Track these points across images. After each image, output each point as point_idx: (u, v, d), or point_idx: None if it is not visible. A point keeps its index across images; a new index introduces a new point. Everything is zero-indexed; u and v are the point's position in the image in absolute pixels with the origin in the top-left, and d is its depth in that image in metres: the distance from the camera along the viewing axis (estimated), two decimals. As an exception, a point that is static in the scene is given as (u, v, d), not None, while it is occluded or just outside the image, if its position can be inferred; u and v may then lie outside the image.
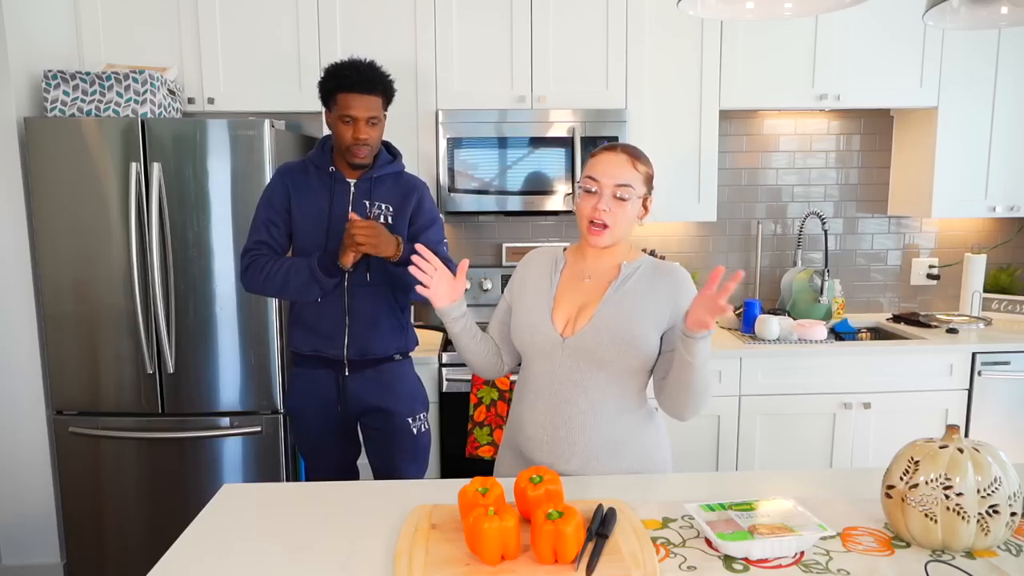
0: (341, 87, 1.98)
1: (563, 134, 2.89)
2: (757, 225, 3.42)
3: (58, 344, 2.58)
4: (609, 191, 1.50)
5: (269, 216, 2.07)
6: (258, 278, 2.02)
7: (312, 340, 2.11)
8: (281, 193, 2.08)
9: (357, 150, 2.01)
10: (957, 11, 1.65)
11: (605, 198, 1.50)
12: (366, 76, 1.99)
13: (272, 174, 2.19)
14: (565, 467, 1.55)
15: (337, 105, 1.99)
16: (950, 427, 1.25)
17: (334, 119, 2.02)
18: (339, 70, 2.00)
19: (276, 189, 2.08)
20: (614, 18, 2.93)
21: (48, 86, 2.57)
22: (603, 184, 1.50)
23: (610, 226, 1.51)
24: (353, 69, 1.99)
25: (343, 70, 1.99)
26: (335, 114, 2.01)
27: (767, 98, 3.03)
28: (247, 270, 2.03)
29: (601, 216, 1.50)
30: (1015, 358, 2.87)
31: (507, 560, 1.17)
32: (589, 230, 1.52)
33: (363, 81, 1.98)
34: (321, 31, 2.88)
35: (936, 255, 3.50)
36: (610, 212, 1.50)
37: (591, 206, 1.51)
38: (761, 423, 2.87)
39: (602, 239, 1.52)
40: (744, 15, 1.67)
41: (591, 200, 1.51)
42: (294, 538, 1.30)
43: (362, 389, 2.14)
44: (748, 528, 1.23)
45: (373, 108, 2.01)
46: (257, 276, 2.02)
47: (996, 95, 3.06)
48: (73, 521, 2.66)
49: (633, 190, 1.51)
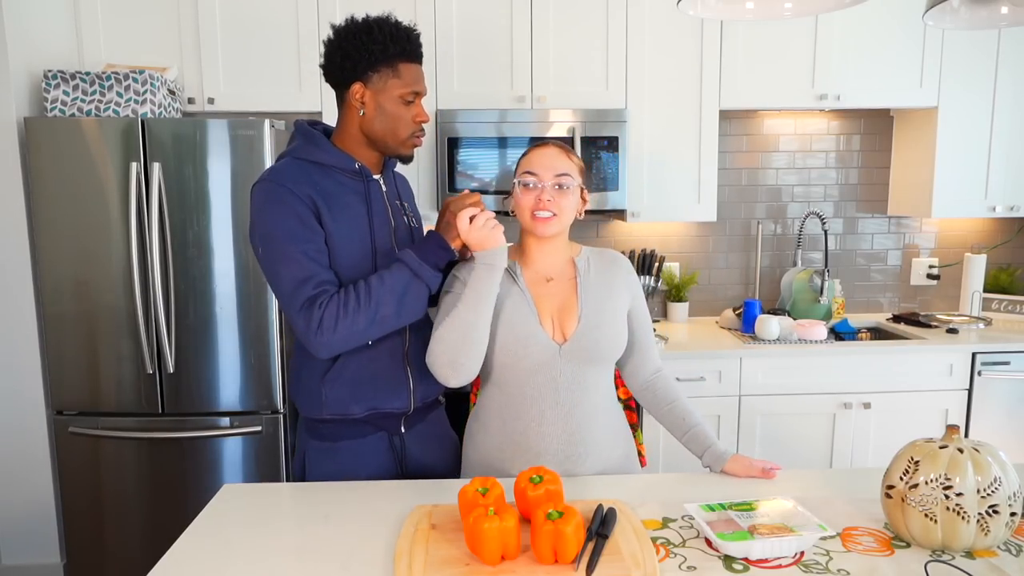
0: (404, 55, 1.51)
1: (563, 134, 2.89)
2: (757, 225, 3.42)
3: (58, 344, 2.58)
4: (550, 182, 1.51)
5: (306, 249, 1.45)
6: (348, 324, 1.42)
7: (368, 395, 1.56)
8: (309, 212, 1.47)
9: (419, 137, 1.59)
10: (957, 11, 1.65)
11: (547, 189, 1.51)
12: (419, 42, 1.56)
13: (270, 192, 1.47)
14: (582, 470, 1.55)
15: (399, 78, 1.51)
16: (950, 427, 1.25)
17: (388, 98, 1.52)
18: (394, 34, 1.50)
19: (300, 209, 1.46)
20: (614, 18, 2.93)
21: (48, 86, 2.57)
22: (542, 176, 1.51)
23: (557, 214, 1.52)
24: (413, 33, 1.54)
25: (399, 34, 1.50)
26: (391, 89, 1.52)
27: (767, 98, 3.03)
28: (323, 323, 1.42)
29: (546, 206, 1.50)
30: (1015, 358, 2.87)
31: (507, 560, 1.17)
32: (534, 219, 1.52)
33: (420, 50, 1.55)
34: (321, 31, 2.88)
35: (936, 255, 3.50)
36: (554, 201, 1.51)
37: (533, 198, 1.52)
38: (761, 423, 2.87)
39: (549, 226, 1.52)
40: (744, 15, 1.67)
41: (531, 193, 1.52)
42: (294, 538, 1.30)
43: (420, 451, 1.67)
44: (748, 528, 1.23)
45: (422, 79, 1.58)
46: (345, 322, 1.42)
47: (996, 95, 3.06)
48: (73, 521, 2.66)
49: (572, 179, 1.53)
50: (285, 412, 2.64)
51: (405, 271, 1.47)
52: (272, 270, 1.48)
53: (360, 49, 1.49)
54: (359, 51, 1.49)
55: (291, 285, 1.44)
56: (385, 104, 1.53)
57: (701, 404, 2.84)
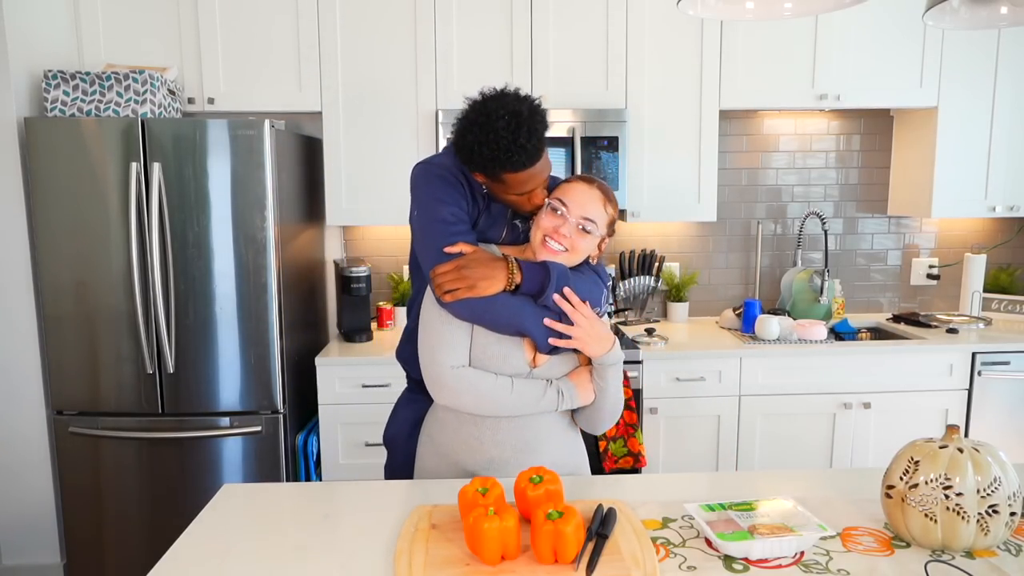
0: (506, 169, 1.46)
1: (563, 134, 2.89)
2: (757, 225, 3.42)
3: (58, 344, 2.58)
4: (575, 220, 1.47)
5: (458, 215, 1.51)
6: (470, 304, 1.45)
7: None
8: (467, 202, 1.53)
9: (531, 210, 1.57)
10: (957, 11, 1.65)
11: (570, 224, 1.47)
12: (536, 147, 1.44)
13: (436, 172, 1.54)
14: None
15: (503, 184, 1.49)
16: (950, 427, 1.25)
17: (496, 189, 1.53)
18: (498, 151, 1.42)
19: (464, 187, 1.53)
20: (614, 18, 2.93)
21: (48, 86, 2.57)
22: (571, 211, 1.47)
23: (568, 251, 1.48)
24: (517, 149, 1.42)
25: (504, 152, 1.42)
26: (497, 188, 1.52)
27: (767, 98, 3.03)
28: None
29: (561, 240, 1.47)
30: (1015, 358, 2.87)
31: (507, 560, 1.17)
32: (544, 244, 1.48)
33: (535, 153, 1.45)
34: (321, 31, 2.88)
35: (936, 255, 3.50)
36: (570, 239, 1.47)
37: (554, 225, 1.47)
38: (761, 423, 2.87)
39: (558, 258, 1.48)
40: (744, 15, 1.67)
41: (555, 220, 1.48)
42: (294, 538, 1.30)
43: None
44: (748, 528, 1.23)
45: (545, 169, 1.52)
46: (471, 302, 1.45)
47: (996, 95, 3.06)
48: (73, 521, 2.66)
49: (597, 227, 1.49)
50: (285, 412, 2.64)
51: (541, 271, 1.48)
52: (433, 231, 1.50)
53: (468, 162, 1.49)
54: (467, 162, 1.49)
55: (440, 233, 1.49)
56: (498, 193, 1.54)
57: (701, 404, 2.85)
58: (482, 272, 1.44)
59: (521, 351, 1.48)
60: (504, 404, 1.46)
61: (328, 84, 2.90)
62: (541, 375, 1.50)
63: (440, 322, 1.48)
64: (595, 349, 1.48)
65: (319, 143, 3.08)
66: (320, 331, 3.20)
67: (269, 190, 2.53)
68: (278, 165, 2.59)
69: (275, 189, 2.56)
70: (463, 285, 1.43)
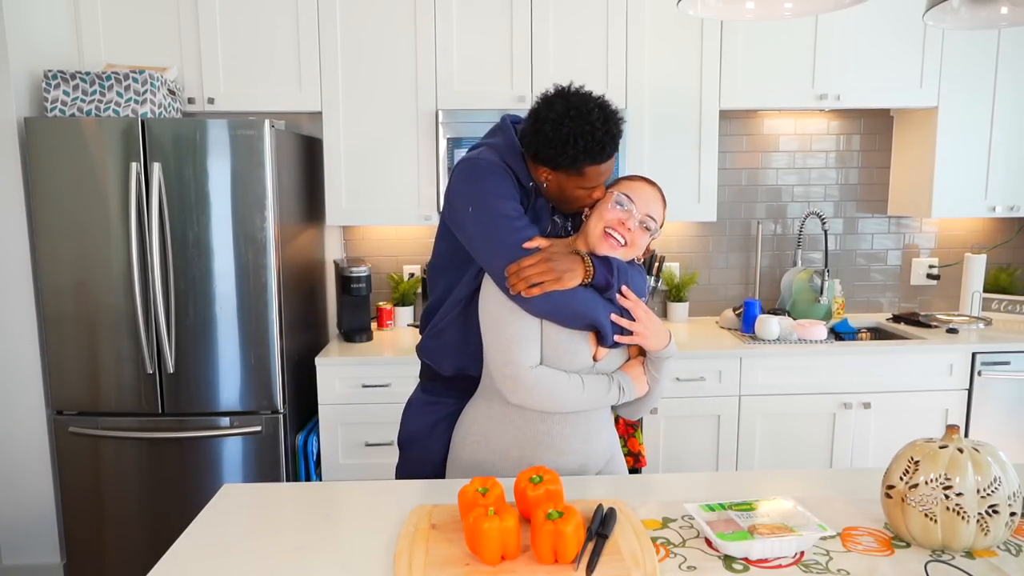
0: (594, 161, 1.49)
1: (563, 134, 2.88)
2: (757, 225, 3.42)
3: (58, 344, 2.58)
4: (640, 215, 1.50)
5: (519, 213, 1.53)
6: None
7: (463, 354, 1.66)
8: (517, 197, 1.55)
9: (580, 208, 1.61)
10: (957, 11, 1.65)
11: (635, 219, 1.50)
12: (617, 138, 1.51)
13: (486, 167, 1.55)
14: (593, 468, 1.60)
15: (582, 177, 1.52)
16: (950, 427, 1.25)
17: (568, 187, 1.55)
18: (594, 143, 1.46)
19: (515, 186, 1.56)
20: (614, 18, 2.93)
21: (48, 86, 2.57)
22: (638, 206, 1.50)
23: (627, 246, 1.50)
24: (610, 140, 1.48)
25: (599, 143, 1.46)
26: (573, 181, 1.53)
27: (767, 98, 3.03)
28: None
29: (625, 234, 1.49)
30: (1015, 358, 2.87)
31: (507, 560, 1.17)
32: (606, 236, 1.49)
33: (614, 145, 1.51)
34: (321, 31, 2.88)
35: (936, 255, 3.50)
36: (632, 233, 1.50)
37: (619, 219, 1.49)
38: (761, 423, 2.87)
39: (615, 252, 1.51)
40: (744, 15, 1.67)
41: (620, 213, 1.50)
42: (294, 538, 1.30)
43: None
44: (748, 528, 1.23)
45: (613, 164, 1.56)
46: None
47: (996, 95, 3.06)
48: (73, 521, 2.66)
49: (656, 226, 1.53)
50: (285, 412, 2.64)
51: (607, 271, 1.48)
52: (498, 227, 1.49)
53: (557, 155, 1.49)
54: (555, 156, 1.49)
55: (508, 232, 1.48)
56: (565, 189, 1.55)
57: (701, 404, 2.85)
58: (566, 264, 1.45)
59: (587, 345, 1.51)
60: (577, 401, 1.49)
61: (328, 84, 2.90)
62: (602, 368, 1.53)
63: (512, 320, 1.48)
64: (655, 343, 1.52)
65: (319, 143, 3.08)
66: (320, 331, 3.20)
67: (269, 190, 2.53)
68: (278, 165, 2.59)
69: (275, 189, 2.56)
70: (550, 278, 1.42)
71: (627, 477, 1.59)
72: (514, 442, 1.56)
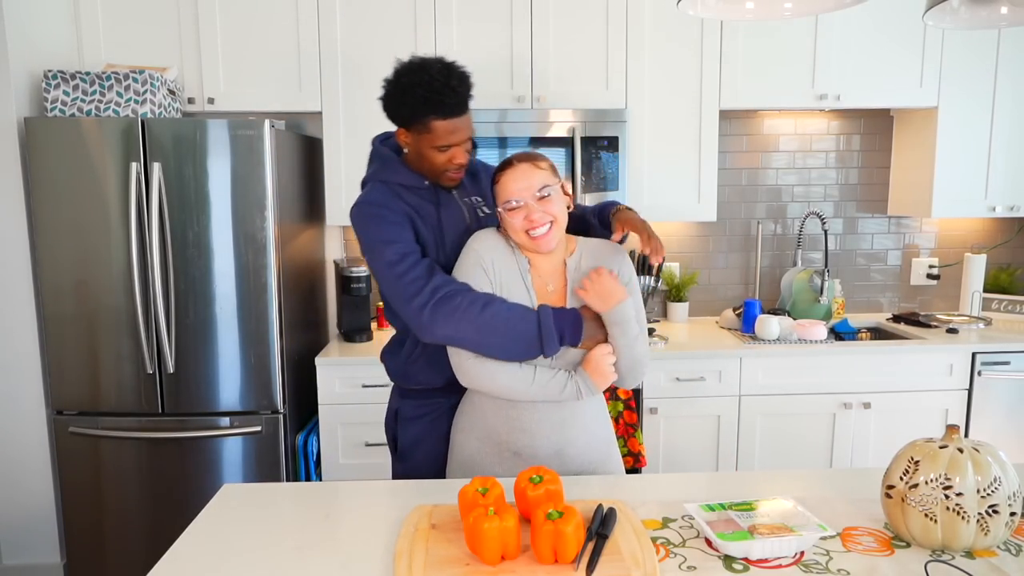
0: (436, 113, 1.57)
1: (563, 134, 2.89)
2: (757, 225, 3.42)
3: (58, 344, 2.58)
4: (532, 200, 1.51)
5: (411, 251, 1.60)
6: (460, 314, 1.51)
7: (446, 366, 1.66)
8: (408, 226, 1.63)
9: (454, 175, 1.67)
10: (957, 11, 1.65)
11: (531, 206, 1.51)
12: (464, 95, 1.59)
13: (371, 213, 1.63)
14: (573, 451, 1.59)
15: (431, 133, 1.59)
16: (950, 427, 1.25)
17: (423, 144, 1.62)
18: (431, 92, 1.55)
19: (400, 222, 1.62)
20: (614, 18, 2.93)
21: (48, 86, 2.57)
22: (523, 198, 1.51)
23: (554, 221, 1.52)
24: (449, 91, 1.56)
25: (437, 93, 1.55)
26: (424, 140, 1.61)
27: (767, 98, 3.03)
28: (440, 303, 1.53)
29: (538, 221, 1.50)
30: (1015, 358, 2.88)
31: (507, 560, 1.17)
32: (534, 240, 1.52)
33: (462, 102, 1.59)
34: (321, 31, 2.88)
35: (936, 255, 3.50)
36: (544, 212, 1.51)
37: (521, 218, 1.51)
38: (761, 423, 2.87)
39: (550, 239, 1.53)
40: (744, 15, 1.67)
41: (519, 213, 1.51)
42: (294, 538, 1.30)
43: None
44: (748, 528, 1.23)
45: (468, 128, 1.63)
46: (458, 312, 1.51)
47: (996, 95, 3.06)
48: (73, 521, 2.66)
49: (549, 186, 1.53)
50: (285, 412, 2.64)
51: (534, 322, 1.52)
52: (378, 271, 1.61)
53: (398, 107, 1.61)
54: (397, 108, 1.61)
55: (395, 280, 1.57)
56: (422, 149, 1.64)
57: (701, 404, 2.85)
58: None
59: None
60: (525, 393, 1.52)
61: (328, 84, 2.90)
62: (566, 359, 1.54)
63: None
64: (600, 305, 1.52)
65: (319, 143, 3.08)
66: (320, 331, 3.20)
67: (269, 190, 2.53)
68: (278, 165, 2.59)
69: (275, 189, 2.56)
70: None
71: (627, 477, 1.59)
72: (494, 427, 1.60)
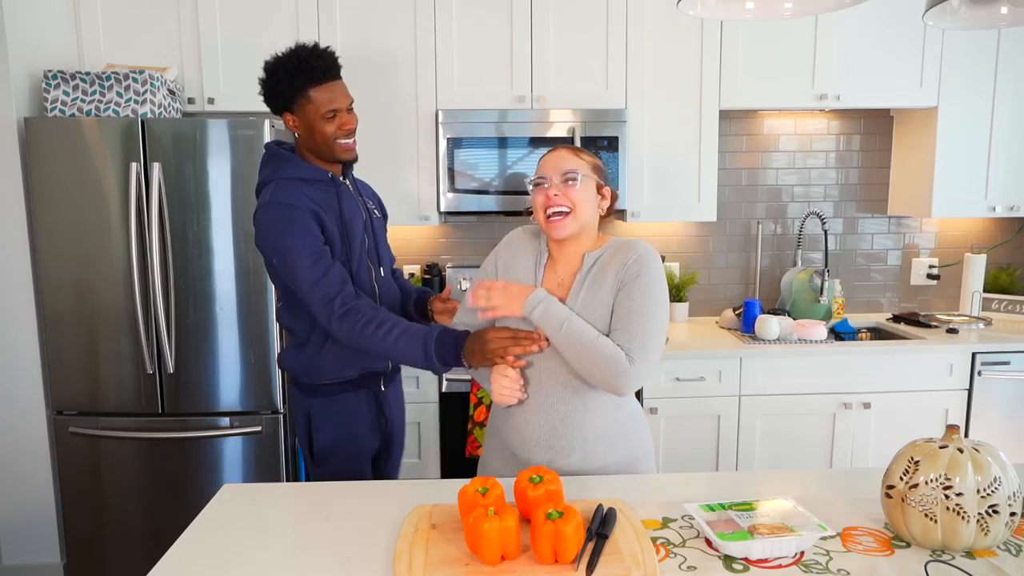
0: (312, 80, 1.72)
1: (563, 134, 2.89)
2: (757, 225, 3.42)
3: (58, 344, 2.58)
4: (558, 179, 1.53)
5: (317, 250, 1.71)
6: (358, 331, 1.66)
7: (358, 358, 1.81)
8: (314, 223, 1.73)
9: (349, 142, 1.79)
10: (957, 11, 1.65)
11: (555, 185, 1.53)
12: (331, 60, 1.75)
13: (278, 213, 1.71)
14: (565, 463, 1.56)
15: (312, 102, 1.73)
16: (950, 427, 1.25)
17: (310, 118, 1.74)
18: (301, 64, 1.71)
19: (307, 221, 1.71)
20: (614, 18, 2.93)
21: (48, 86, 2.57)
22: (550, 176, 1.54)
23: (571, 210, 1.53)
24: (315, 57, 1.72)
25: (305, 61, 1.71)
26: (310, 113, 1.74)
27: (767, 98, 3.03)
28: (345, 317, 1.67)
29: (556, 201, 1.52)
30: (1015, 358, 2.87)
31: (507, 560, 1.17)
32: (548, 221, 1.54)
33: (332, 66, 1.75)
34: (321, 31, 2.88)
35: (936, 255, 3.50)
36: (563, 195, 1.52)
37: (543, 195, 1.54)
38: (761, 423, 2.87)
39: (564, 226, 1.53)
40: (744, 15, 1.67)
41: (543, 192, 1.55)
42: (294, 538, 1.30)
43: (394, 407, 1.98)
44: (748, 528, 1.23)
45: (346, 93, 1.78)
46: (356, 329, 1.65)
47: (996, 95, 3.06)
48: (73, 521, 2.66)
49: (579, 173, 1.54)
50: (285, 412, 2.64)
51: (420, 345, 1.63)
52: (291, 275, 1.70)
53: (275, 88, 1.74)
54: (275, 91, 1.75)
55: (317, 282, 1.68)
56: (312, 123, 1.75)
57: (701, 404, 2.85)
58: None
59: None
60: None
61: (328, 84, 2.89)
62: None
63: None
64: (516, 309, 1.53)
65: (319, 143, 3.08)
66: (320, 331, 3.20)
67: (269, 190, 2.53)
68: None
69: (275, 189, 2.55)
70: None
71: (627, 477, 1.58)
72: (505, 432, 1.63)
